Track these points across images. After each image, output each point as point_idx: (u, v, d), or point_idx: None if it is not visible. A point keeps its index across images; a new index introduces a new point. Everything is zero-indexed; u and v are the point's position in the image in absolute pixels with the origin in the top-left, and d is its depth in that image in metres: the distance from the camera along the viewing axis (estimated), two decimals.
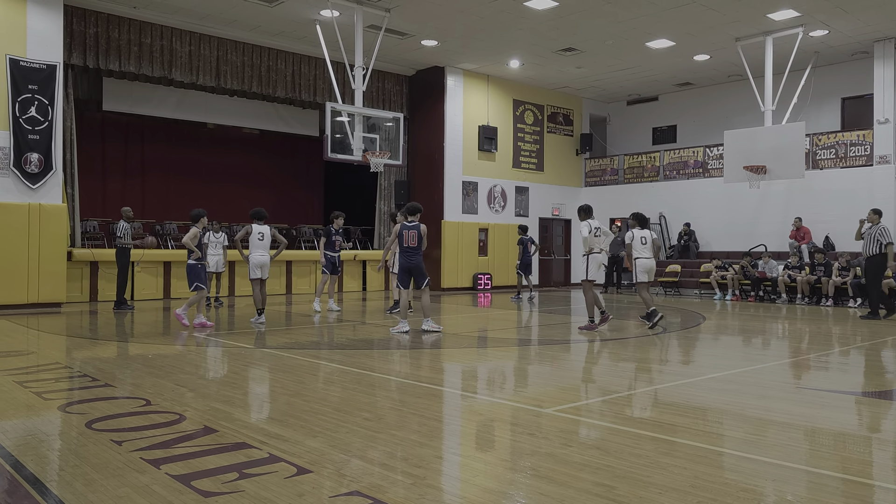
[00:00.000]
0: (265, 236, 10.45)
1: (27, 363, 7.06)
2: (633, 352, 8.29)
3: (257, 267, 10.43)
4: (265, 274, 10.52)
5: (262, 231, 10.46)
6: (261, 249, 10.43)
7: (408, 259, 9.58)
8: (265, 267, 10.49)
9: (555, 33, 15.65)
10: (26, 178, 12.36)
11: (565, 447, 4.12)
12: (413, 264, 9.57)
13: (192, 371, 6.56)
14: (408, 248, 9.54)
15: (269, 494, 3.28)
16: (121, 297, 12.68)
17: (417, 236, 9.52)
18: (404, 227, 9.61)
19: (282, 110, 18.53)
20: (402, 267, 9.73)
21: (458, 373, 7.00)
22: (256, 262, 10.41)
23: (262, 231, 10.47)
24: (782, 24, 14.96)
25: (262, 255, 10.44)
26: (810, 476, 3.67)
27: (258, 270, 10.45)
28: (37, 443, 4.20)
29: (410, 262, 9.56)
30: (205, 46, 15.47)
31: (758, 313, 13.18)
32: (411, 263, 9.56)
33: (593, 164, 22.27)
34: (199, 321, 10.08)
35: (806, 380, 6.71)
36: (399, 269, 9.85)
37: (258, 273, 10.46)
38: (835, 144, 16.94)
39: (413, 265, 9.57)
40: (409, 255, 9.56)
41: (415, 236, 9.51)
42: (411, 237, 9.52)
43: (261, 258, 10.44)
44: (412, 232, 9.52)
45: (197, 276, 10.04)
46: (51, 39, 12.72)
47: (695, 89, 20.83)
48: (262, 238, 10.46)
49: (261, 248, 10.44)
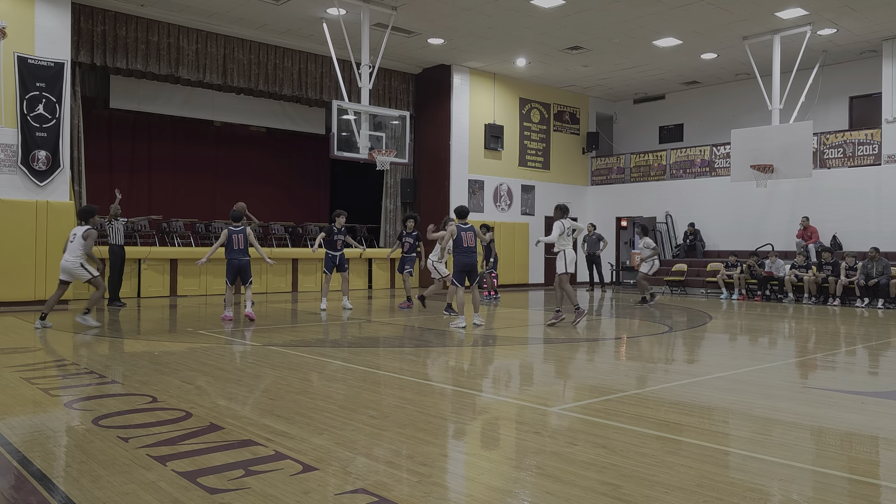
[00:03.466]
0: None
1: (34, 360, 7.09)
2: (638, 351, 8.27)
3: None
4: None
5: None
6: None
7: (469, 258, 10.13)
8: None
9: (562, 31, 15.62)
10: (34, 176, 12.41)
11: (571, 446, 4.11)
12: (472, 263, 10.18)
13: (198, 368, 6.58)
14: (467, 248, 10.08)
15: (274, 492, 3.28)
16: (114, 293, 12.77)
17: (474, 236, 10.20)
18: (461, 228, 10.13)
19: (288, 108, 18.56)
20: (462, 266, 10.16)
21: (464, 371, 7.00)
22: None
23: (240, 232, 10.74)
24: (790, 22, 14.90)
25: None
26: (817, 476, 3.65)
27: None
28: (44, 439, 4.22)
29: (470, 260, 10.15)
30: (212, 44, 15.50)
31: (764, 313, 13.13)
32: (471, 262, 10.16)
33: (599, 163, 22.23)
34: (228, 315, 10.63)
35: (812, 379, 6.68)
36: (457, 267, 10.23)
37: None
38: (842, 143, 16.87)
39: (472, 264, 10.18)
40: (469, 255, 10.13)
41: (472, 237, 10.14)
42: (469, 238, 10.11)
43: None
44: (470, 233, 10.12)
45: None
46: (59, 37, 12.77)
47: (702, 88, 20.77)
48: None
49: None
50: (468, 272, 10.14)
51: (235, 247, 10.38)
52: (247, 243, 10.49)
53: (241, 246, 10.42)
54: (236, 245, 10.38)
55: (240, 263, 10.45)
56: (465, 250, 10.02)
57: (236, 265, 10.44)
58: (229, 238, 10.39)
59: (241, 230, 10.46)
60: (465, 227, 10.07)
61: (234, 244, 10.38)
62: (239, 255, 10.42)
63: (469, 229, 10.08)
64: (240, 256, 10.43)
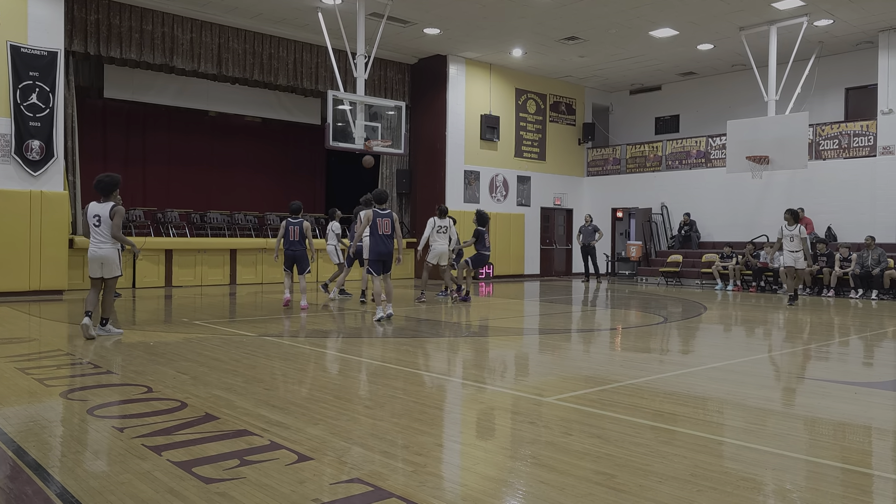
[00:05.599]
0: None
1: (29, 350, 7.08)
2: (633, 341, 8.30)
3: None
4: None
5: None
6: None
7: (384, 246, 9.58)
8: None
9: (558, 22, 15.57)
10: (28, 166, 12.35)
11: (566, 436, 4.12)
12: (388, 251, 9.64)
13: (193, 358, 6.58)
14: (383, 236, 9.55)
15: (270, 481, 3.29)
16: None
17: (391, 223, 9.61)
18: (378, 214, 9.53)
19: (283, 98, 18.48)
20: (377, 254, 9.63)
21: (459, 361, 7.01)
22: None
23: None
24: (787, 13, 14.88)
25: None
26: (810, 465, 3.68)
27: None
28: (39, 429, 4.22)
29: (386, 248, 9.60)
30: (206, 34, 15.40)
31: (759, 303, 13.17)
32: (387, 250, 9.62)
33: (595, 154, 22.21)
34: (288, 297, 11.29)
35: (806, 370, 6.71)
36: (372, 256, 9.72)
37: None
38: (838, 135, 16.88)
39: (388, 252, 9.65)
40: (384, 243, 9.58)
41: (389, 224, 9.57)
42: (385, 225, 9.53)
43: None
44: (386, 220, 9.56)
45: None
46: (52, 26, 12.68)
47: (698, 79, 20.75)
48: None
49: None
50: (384, 261, 9.68)
51: (291, 238, 11.10)
52: (303, 235, 11.09)
53: (297, 238, 11.10)
54: (292, 236, 11.09)
55: (294, 254, 11.10)
56: (381, 238, 9.54)
57: (291, 255, 11.13)
58: (286, 229, 11.14)
59: (298, 222, 11.14)
60: (383, 214, 9.58)
61: (290, 235, 11.09)
62: (294, 245, 11.10)
63: (387, 216, 9.59)
64: (295, 247, 11.10)
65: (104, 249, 7.71)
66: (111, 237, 7.71)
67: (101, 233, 7.72)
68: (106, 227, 7.71)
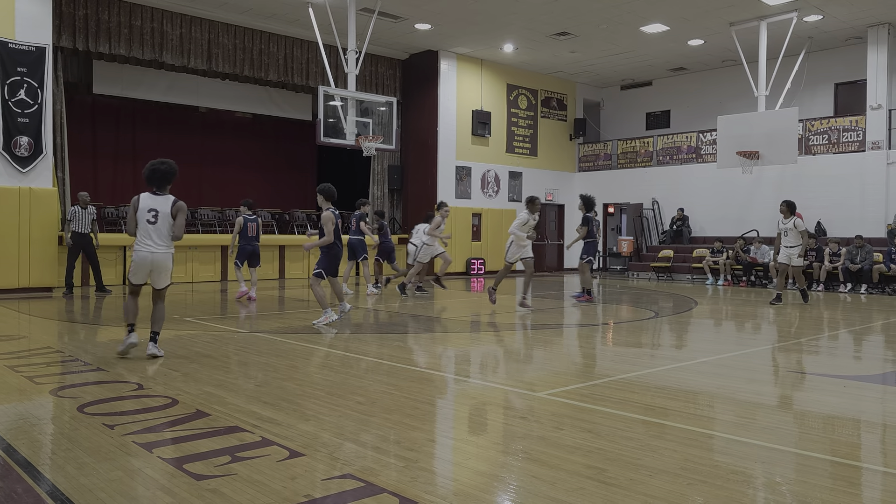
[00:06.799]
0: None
1: (18, 347, 7.04)
2: (624, 336, 8.32)
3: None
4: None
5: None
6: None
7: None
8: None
9: (549, 17, 15.57)
10: (16, 162, 12.25)
11: (557, 430, 4.14)
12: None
13: (184, 355, 6.55)
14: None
15: (261, 477, 3.29)
16: (99, 282, 12.80)
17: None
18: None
19: (274, 94, 18.42)
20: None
21: (451, 357, 7.02)
22: None
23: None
24: (777, 8, 14.92)
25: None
26: (799, 458, 3.70)
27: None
28: (29, 427, 4.20)
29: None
30: (196, 29, 15.32)
31: (749, 298, 13.24)
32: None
33: (587, 150, 22.25)
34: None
35: (796, 363, 6.75)
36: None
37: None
38: (827, 130, 16.97)
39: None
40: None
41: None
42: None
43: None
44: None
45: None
46: (40, 21, 12.56)
47: (689, 74, 20.80)
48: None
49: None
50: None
51: (250, 233, 11.71)
52: (259, 231, 11.85)
53: (255, 233, 11.75)
54: (251, 232, 11.70)
55: (253, 249, 11.74)
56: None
57: (249, 250, 11.74)
58: (245, 225, 11.66)
59: (254, 219, 11.82)
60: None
61: (248, 231, 11.68)
62: (252, 241, 11.74)
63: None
64: (252, 243, 11.74)
65: (160, 253, 6.29)
66: (170, 238, 6.37)
67: (158, 232, 6.31)
68: (165, 225, 6.33)
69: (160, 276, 6.39)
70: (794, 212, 11.75)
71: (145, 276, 6.36)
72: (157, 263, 6.31)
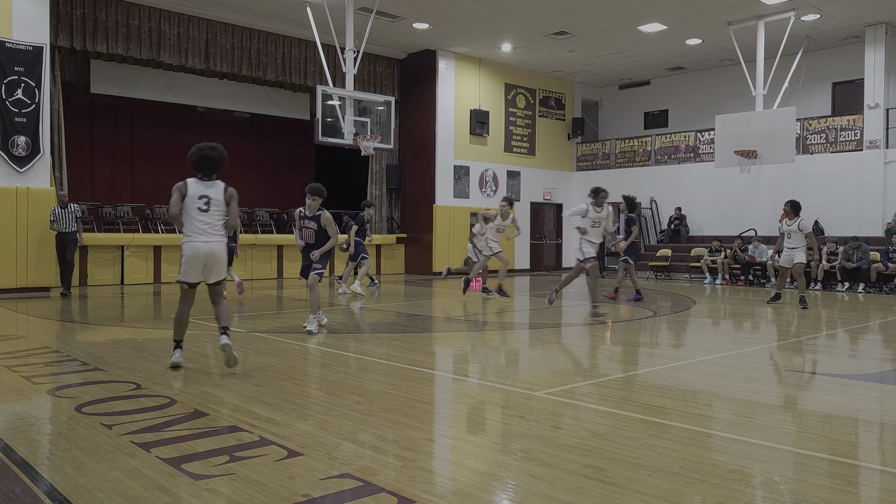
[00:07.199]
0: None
1: (16, 347, 7.03)
2: (623, 335, 8.33)
3: None
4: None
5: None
6: None
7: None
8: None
9: (547, 17, 15.57)
10: (13, 162, 12.23)
11: (555, 430, 4.14)
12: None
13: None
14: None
15: (259, 477, 3.28)
16: (66, 282, 12.27)
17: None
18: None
19: (272, 93, 18.39)
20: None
21: (449, 356, 7.02)
22: None
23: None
24: (774, 8, 14.94)
25: None
26: (797, 457, 3.71)
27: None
28: (26, 427, 4.19)
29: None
30: (193, 28, 15.30)
31: (747, 297, 13.25)
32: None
33: (585, 149, 22.25)
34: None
35: (794, 362, 6.76)
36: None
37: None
38: (825, 129, 16.98)
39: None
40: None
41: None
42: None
43: None
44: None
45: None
46: (37, 21, 12.54)
47: (686, 74, 20.80)
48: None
49: None
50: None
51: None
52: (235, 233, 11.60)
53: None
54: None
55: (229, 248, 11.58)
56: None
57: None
58: None
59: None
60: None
61: None
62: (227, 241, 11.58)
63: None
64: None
65: (213, 243, 5.75)
66: (223, 227, 5.88)
67: (210, 221, 5.77)
68: (218, 212, 5.83)
69: (214, 269, 5.80)
70: (799, 212, 11.18)
71: (199, 272, 5.76)
72: (213, 255, 5.73)
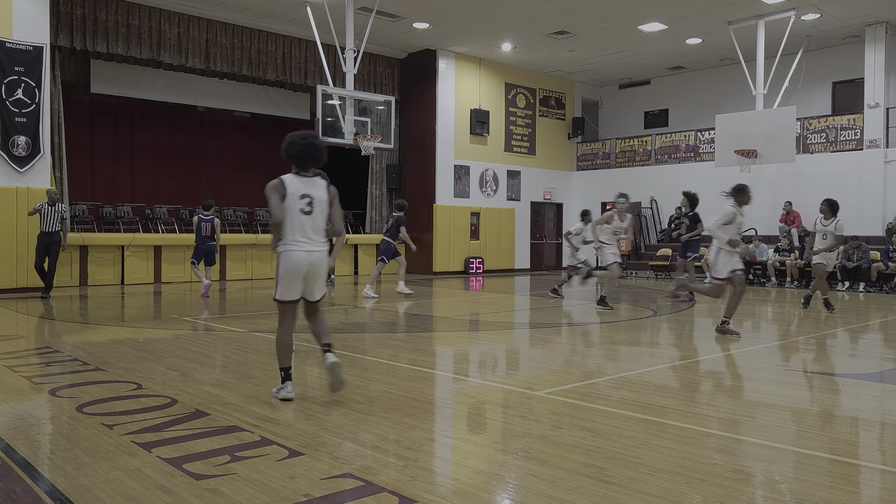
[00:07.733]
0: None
1: (17, 347, 7.03)
2: (623, 335, 8.33)
3: None
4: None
5: None
6: None
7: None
8: None
9: (547, 16, 15.57)
10: (14, 162, 12.24)
11: (556, 429, 4.14)
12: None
13: (183, 355, 6.55)
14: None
15: (261, 477, 3.29)
16: (47, 283, 11.69)
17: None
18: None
19: (272, 93, 18.39)
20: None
21: (450, 356, 7.02)
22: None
23: None
24: (775, 7, 14.94)
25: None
26: (798, 456, 3.71)
27: None
28: (27, 427, 4.20)
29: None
30: (194, 28, 15.30)
31: (747, 296, 13.24)
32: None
33: (585, 148, 22.24)
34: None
35: (794, 362, 6.76)
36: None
37: None
38: (825, 128, 16.98)
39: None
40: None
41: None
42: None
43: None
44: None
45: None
46: (37, 20, 12.55)
47: (687, 73, 20.80)
48: None
49: None
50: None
51: (203, 233, 12.23)
52: (213, 231, 12.31)
53: (208, 233, 12.27)
54: (204, 232, 12.22)
55: (207, 248, 12.29)
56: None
57: (203, 249, 12.28)
58: (198, 225, 12.22)
59: (209, 219, 12.30)
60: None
61: (201, 231, 12.21)
62: (205, 241, 12.26)
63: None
64: (205, 242, 12.26)
65: (318, 252, 4.73)
66: (325, 233, 4.80)
67: (314, 224, 4.71)
68: (322, 215, 4.75)
69: (316, 283, 4.78)
70: (836, 213, 10.45)
71: (300, 285, 4.76)
72: (315, 266, 4.70)
